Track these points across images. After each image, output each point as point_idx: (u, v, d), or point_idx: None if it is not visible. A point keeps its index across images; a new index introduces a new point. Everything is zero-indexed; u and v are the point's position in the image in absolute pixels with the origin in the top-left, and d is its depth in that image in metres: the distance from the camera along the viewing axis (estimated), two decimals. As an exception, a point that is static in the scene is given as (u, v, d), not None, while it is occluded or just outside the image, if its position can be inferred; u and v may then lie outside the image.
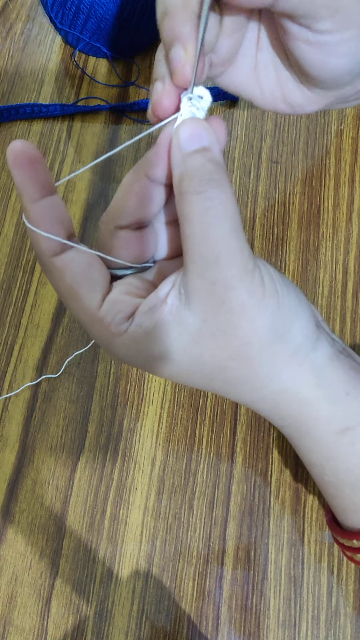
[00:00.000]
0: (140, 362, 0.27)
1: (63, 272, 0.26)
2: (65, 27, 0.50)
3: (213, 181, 0.24)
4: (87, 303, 0.26)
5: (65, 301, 0.27)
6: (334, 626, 0.36)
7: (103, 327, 0.26)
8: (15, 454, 0.41)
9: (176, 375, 0.27)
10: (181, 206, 0.24)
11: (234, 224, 0.24)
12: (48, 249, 0.26)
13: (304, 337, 0.27)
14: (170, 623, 0.37)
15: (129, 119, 0.50)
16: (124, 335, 0.26)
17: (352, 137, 0.48)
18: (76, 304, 0.26)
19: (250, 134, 0.49)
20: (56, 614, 0.37)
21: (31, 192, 0.24)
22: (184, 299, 0.25)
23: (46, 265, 0.26)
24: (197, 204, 0.24)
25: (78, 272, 0.26)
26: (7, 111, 0.50)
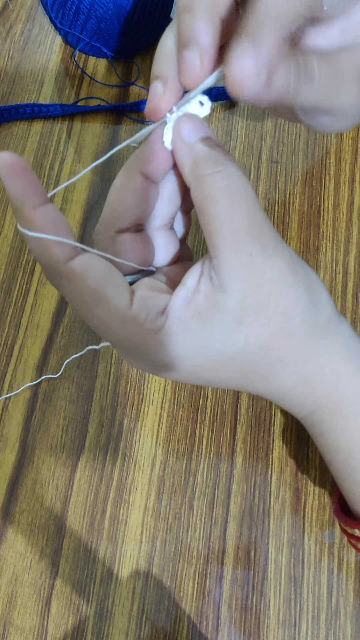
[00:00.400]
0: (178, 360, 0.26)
1: (84, 275, 0.24)
2: (65, 27, 0.50)
3: (227, 160, 0.24)
4: (115, 304, 0.25)
5: (87, 308, 0.25)
6: (334, 626, 0.36)
7: (137, 326, 0.25)
8: (15, 454, 0.41)
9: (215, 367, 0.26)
10: (200, 189, 0.24)
11: (256, 199, 0.24)
12: (62, 255, 0.24)
13: (332, 308, 0.27)
14: (170, 623, 0.37)
15: (129, 119, 0.50)
16: (162, 332, 0.25)
17: (352, 138, 0.48)
18: (103, 307, 0.25)
19: (250, 134, 0.49)
20: (56, 614, 0.37)
21: (32, 198, 0.23)
22: (217, 284, 0.24)
23: (61, 273, 0.24)
24: (218, 182, 0.24)
25: (101, 273, 0.25)
26: (7, 111, 0.50)
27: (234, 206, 0.24)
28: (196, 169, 0.24)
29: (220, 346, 0.25)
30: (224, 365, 0.26)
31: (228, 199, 0.24)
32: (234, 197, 0.24)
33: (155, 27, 0.51)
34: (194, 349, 0.25)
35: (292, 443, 0.40)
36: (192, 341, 0.25)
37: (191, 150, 0.25)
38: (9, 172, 0.23)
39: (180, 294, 0.25)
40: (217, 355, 0.25)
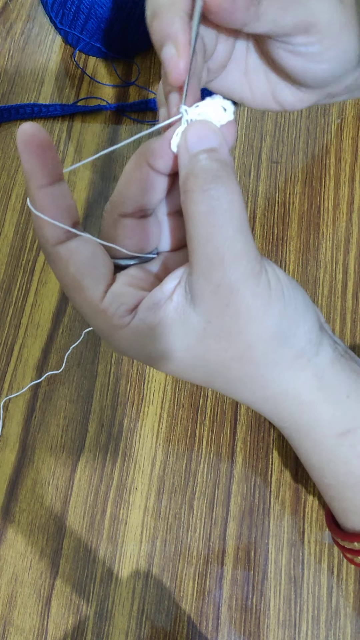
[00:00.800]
0: (142, 356, 0.27)
1: (67, 262, 0.25)
2: (65, 27, 0.50)
3: (219, 179, 0.23)
4: (90, 294, 0.26)
5: (67, 292, 0.27)
6: (334, 626, 0.36)
7: (106, 319, 0.26)
8: (15, 454, 0.41)
9: (178, 371, 0.27)
10: (186, 205, 0.24)
11: (240, 225, 0.23)
12: (53, 236, 0.25)
13: (307, 340, 0.27)
14: (170, 623, 0.37)
15: (129, 119, 0.50)
16: (127, 329, 0.26)
17: (352, 137, 0.48)
18: (79, 295, 0.26)
19: (250, 134, 0.49)
20: (56, 614, 0.37)
21: (39, 178, 0.24)
22: (189, 298, 0.25)
23: (50, 254, 0.26)
24: (202, 203, 0.23)
25: (82, 262, 0.25)
26: (7, 111, 0.50)
27: (212, 233, 0.23)
28: (186, 182, 0.24)
29: (181, 355, 0.26)
30: (184, 369, 0.27)
31: (207, 225, 0.23)
32: (214, 224, 0.23)
33: (155, 27, 0.51)
34: (155, 351, 0.26)
35: (292, 443, 0.40)
36: (155, 344, 0.26)
37: (189, 161, 0.24)
38: (24, 145, 0.23)
39: (154, 296, 0.25)
40: (178, 361, 0.26)
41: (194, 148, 0.24)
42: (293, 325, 0.26)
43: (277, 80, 0.30)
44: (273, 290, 0.25)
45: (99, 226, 0.47)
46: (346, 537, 0.31)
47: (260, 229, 0.46)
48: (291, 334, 0.26)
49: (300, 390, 0.27)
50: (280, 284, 0.25)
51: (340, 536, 0.31)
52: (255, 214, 0.46)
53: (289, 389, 0.27)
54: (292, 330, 0.26)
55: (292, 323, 0.26)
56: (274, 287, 0.25)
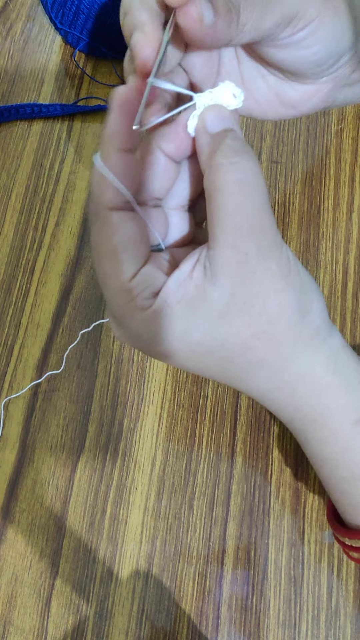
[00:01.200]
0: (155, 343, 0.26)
1: (115, 229, 0.25)
2: (65, 27, 0.50)
3: (245, 153, 0.24)
4: (122, 269, 0.25)
5: (100, 260, 0.26)
6: (334, 626, 0.36)
7: (129, 299, 0.25)
8: (15, 454, 0.41)
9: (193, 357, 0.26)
10: (212, 179, 0.24)
11: (265, 197, 0.24)
12: (112, 200, 0.24)
13: (322, 320, 0.27)
14: (170, 623, 0.37)
15: (129, 119, 0.50)
16: (148, 311, 0.25)
17: (352, 137, 0.48)
18: (111, 266, 0.25)
19: (250, 134, 0.49)
20: (56, 614, 0.37)
21: (123, 140, 0.24)
22: (209, 274, 0.24)
23: (100, 216, 0.25)
24: (231, 174, 0.24)
25: (129, 235, 0.25)
26: (7, 111, 0.50)
27: (241, 202, 0.24)
28: (212, 157, 0.24)
29: (200, 337, 0.25)
30: (201, 356, 0.26)
31: (237, 194, 0.24)
32: (243, 193, 0.24)
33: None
34: (174, 334, 0.25)
35: (292, 443, 0.40)
36: (174, 326, 0.25)
37: (211, 140, 0.25)
38: (120, 104, 0.23)
39: (174, 277, 0.25)
40: (195, 345, 0.25)
41: (214, 128, 0.25)
42: (309, 301, 0.26)
43: (278, 82, 0.30)
44: (292, 263, 0.25)
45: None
46: (354, 534, 0.31)
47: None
48: (308, 310, 0.26)
49: (318, 373, 0.27)
50: (295, 260, 0.26)
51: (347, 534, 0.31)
52: (255, 214, 0.46)
53: (307, 372, 0.27)
54: (309, 305, 0.26)
55: (308, 299, 0.26)
56: (292, 261, 0.25)
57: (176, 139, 0.26)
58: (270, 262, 0.24)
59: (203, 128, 0.25)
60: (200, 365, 0.27)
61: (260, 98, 0.30)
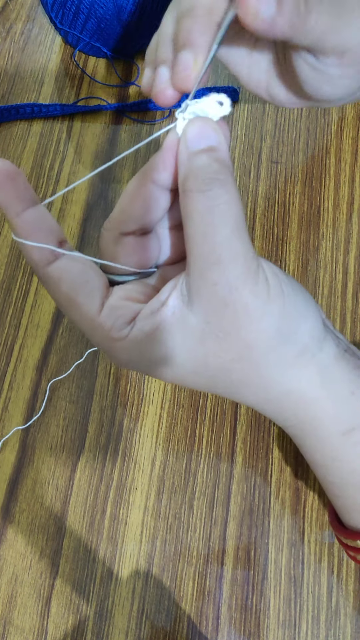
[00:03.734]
0: (143, 366, 0.27)
1: (59, 281, 0.25)
2: (65, 27, 0.50)
3: (217, 180, 0.23)
4: (85, 310, 0.26)
5: (64, 310, 0.27)
6: (334, 626, 0.36)
7: (104, 333, 0.26)
8: (15, 454, 0.41)
9: (180, 378, 0.27)
10: (184, 204, 0.24)
11: (238, 224, 0.24)
12: (41, 259, 0.25)
13: (311, 337, 0.26)
14: (170, 623, 0.37)
15: (129, 119, 0.50)
16: (125, 340, 0.26)
17: (352, 137, 0.48)
18: (75, 311, 0.26)
19: (250, 134, 0.49)
20: (56, 614, 0.37)
21: (14, 206, 0.24)
22: (186, 300, 0.25)
23: (42, 276, 0.26)
24: (200, 202, 0.23)
25: (74, 279, 0.26)
26: (7, 111, 0.50)
27: (209, 232, 0.23)
28: (185, 182, 0.24)
29: (182, 360, 0.26)
30: (186, 376, 0.26)
31: (204, 224, 0.23)
32: (211, 223, 0.23)
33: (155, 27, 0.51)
34: (156, 358, 0.26)
35: (292, 443, 0.40)
36: (154, 352, 0.25)
37: (188, 160, 0.24)
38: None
39: (151, 305, 0.26)
40: (179, 367, 0.26)
41: (193, 146, 0.24)
42: (294, 323, 0.26)
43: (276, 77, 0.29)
44: (272, 288, 0.25)
45: (99, 227, 0.47)
46: (349, 535, 0.31)
47: (260, 229, 0.46)
48: (292, 332, 0.26)
49: (304, 388, 0.27)
50: (279, 282, 0.25)
51: (343, 534, 0.31)
52: (255, 214, 0.46)
53: (292, 388, 0.27)
54: (294, 328, 0.26)
55: (293, 321, 0.26)
56: (273, 286, 0.25)
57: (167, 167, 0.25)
58: (243, 292, 0.24)
59: (184, 144, 0.24)
60: (188, 381, 0.27)
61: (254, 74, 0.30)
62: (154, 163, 0.26)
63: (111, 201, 0.47)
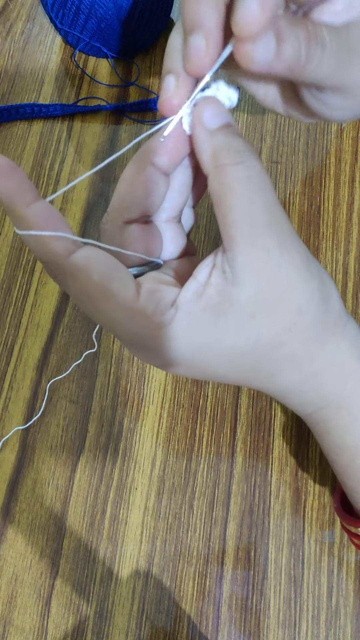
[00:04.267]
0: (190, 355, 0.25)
1: (88, 269, 0.23)
2: (65, 27, 0.50)
3: (249, 152, 0.24)
4: (122, 297, 0.24)
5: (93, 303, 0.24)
6: (334, 626, 0.36)
7: (145, 319, 0.24)
8: (15, 454, 0.41)
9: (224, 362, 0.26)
10: (220, 179, 0.24)
11: (274, 193, 0.24)
12: (63, 249, 0.23)
13: (341, 306, 0.27)
14: (170, 623, 0.37)
15: (129, 119, 0.50)
16: (171, 326, 0.24)
17: (352, 138, 0.48)
18: (109, 302, 0.24)
19: (250, 134, 0.49)
20: (56, 614, 0.37)
21: (23, 196, 0.23)
22: (230, 277, 0.24)
23: (66, 268, 0.23)
24: (239, 173, 0.23)
25: (104, 266, 0.24)
26: (7, 111, 0.50)
27: (253, 199, 0.23)
28: (216, 158, 0.24)
29: (232, 341, 0.25)
30: (233, 359, 0.26)
31: (248, 192, 0.23)
32: (254, 190, 0.23)
33: (155, 27, 0.51)
34: (206, 343, 0.25)
35: (292, 443, 0.40)
36: (204, 335, 0.24)
37: (212, 138, 0.24)
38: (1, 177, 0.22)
39: (190, 287, 0.25)
40: (229, 349, 0.25)
41: (211, 124, 0.24)
42: (329, 287, 0.26)
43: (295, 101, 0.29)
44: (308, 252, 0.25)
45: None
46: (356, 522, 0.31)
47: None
48: (329, 297, 0.26)
49: (344, 359, 0.27)
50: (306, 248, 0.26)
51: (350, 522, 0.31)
52: (255, 214, 0.46)
53: (334, 360, 0.27)
54: (329, 292, 0.26)
55: (329, 285, 0.26)
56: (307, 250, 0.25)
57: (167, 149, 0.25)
58: (293, 254, 0.24)
59: (200, 124, 0.24)
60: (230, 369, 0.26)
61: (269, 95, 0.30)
62: (153, 146, 0.25)
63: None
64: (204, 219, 0.46)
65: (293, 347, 0.26)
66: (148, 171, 0.26)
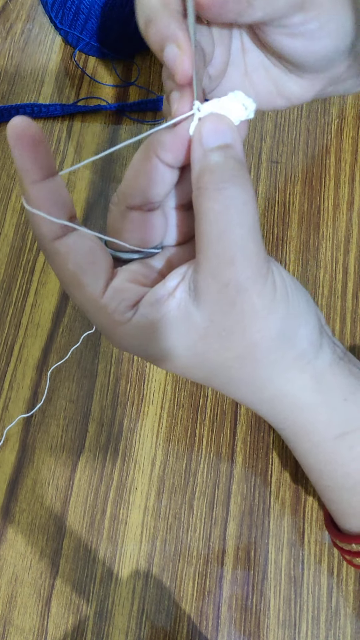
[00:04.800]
0: (143, 353, 0.27)
1: (66, 257, 0.25)
2: (65, 27, 0.50)
3: (235, 178, 0.23)
4: (90, 290, 0.25)
5: (67, 289, 0.26)
6: (334, 626, 0.36)
7: (107, 315, 0.25)
8: (15, 454, 0.41)
9: (179, 369, 0.27)
10: (199, 202, 0.23)
11: (253, 225, 0.23)
12: (49, 232, 0.24)
13: (309, 343, 0.27)
14: (170, 623, 0.37)
15: (129, 119, 0.50)
16: (128, 325, 0.25)
17: (352, 137, 0.48)
18: (79, 291, 0.25)
19: (250, 134, 0.49)
20: (56, 614, 0.37)
21: (32, 173, 0.23)
22: (192, 295, 0.24)
23: (48, 250, 0.25)
24: (217, 201, 0.23)
25: (81, 257, 0.25)
26: (7, 111, 0.50)
27: (226, 232, 0.23)
28: (201, 178, 0.23)
29: (182, 353, 0.25)
30: (186, 367, 0.26)
31: (220, 223, 0.23)
32: (228, 222, 0.23)
33: (155, 27, 0.51)
34: (156, 347, 0.26)
35: (292, 443, 0.40)
36: (156, 341, 0.25)
37: (204, 156, 0.24)
38: (16, 140, 0.23)
39: (156, 292, 0.25)
40: (179, 358, 0.26)
41: (209, 143, 0.24)
42: (295, 326, 0.26)
43: (279, 74, 0.29)
44: (278, 290, 0.25)
45: (100, 226, 0.48)
46: (344, 539, 0.31)
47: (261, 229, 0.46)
48: (293, 335, 0.26)
49: (299, 392, 0.27)
50: (285, 284, 0.25)
51: (339, 538, 0.31)
52: (255, 214, 0.46)
53: (288, 391, 0.27)
54: (295, 330, 0.26)
55: (295, 324, 0.26)
56: (279, 288, 0.25)
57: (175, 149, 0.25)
58: (252, 294, 0.24)
59: (198, 140, 0.24)
60: (186, 373, 0.27)
61: (260, 88, 0.30)
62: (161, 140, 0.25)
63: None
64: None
65: (241, 373, 0.26)
66: (152, 163, 0.25)
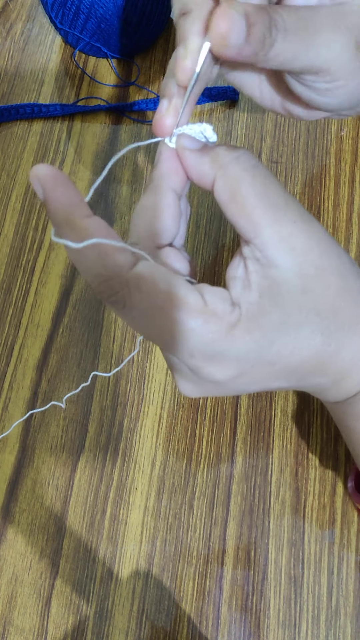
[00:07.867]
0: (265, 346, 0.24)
1: (153, 279, 0.23)
2: (65, 27, 0.50)
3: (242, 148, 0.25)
4: (192, 303, 0.23)
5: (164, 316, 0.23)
6: (334, 626, 0.36)
7: (219, 322, 0.23)
8: (15, 454, 0.41)
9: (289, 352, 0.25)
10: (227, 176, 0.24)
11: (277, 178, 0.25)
12: (127, 261, 0.23)
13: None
14: (170, 623, 0.37)
15: (129, 119, 0.50)
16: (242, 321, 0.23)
17: (352, 138, 0.48)
18: (181, 309, 0.23)
19: (250, 134, 0.49)
20: (56, 614, 0.37)
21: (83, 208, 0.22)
22: (265, 262, 0.24)
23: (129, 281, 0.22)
24: (245, 163, 0.24)
25: (167, 276, 0.23)
26: (7, 111, 0.50)
27: (265, 182, 0.24)
28: (216, 159, 0.25)
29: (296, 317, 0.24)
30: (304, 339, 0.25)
31: (259, 177, 0.24)
32: (263, 175, 0.24)
33: (155, 27, 0.51)
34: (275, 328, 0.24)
35: (292, 443, 0.40)
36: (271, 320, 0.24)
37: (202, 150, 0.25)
38: (54, 183, 0.22)
39: (236, 283, 0.24)
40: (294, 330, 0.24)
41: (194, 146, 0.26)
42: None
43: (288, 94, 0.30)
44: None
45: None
46: None
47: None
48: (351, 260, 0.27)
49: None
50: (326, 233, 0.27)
51: None
52: (255, 214, 0.46)
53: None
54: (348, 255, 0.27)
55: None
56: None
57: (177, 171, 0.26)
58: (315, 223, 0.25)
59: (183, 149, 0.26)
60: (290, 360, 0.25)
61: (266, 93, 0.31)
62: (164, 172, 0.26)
63: (111, 201, 0.47)
64: (204, 219, 0.46)
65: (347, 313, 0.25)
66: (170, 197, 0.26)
